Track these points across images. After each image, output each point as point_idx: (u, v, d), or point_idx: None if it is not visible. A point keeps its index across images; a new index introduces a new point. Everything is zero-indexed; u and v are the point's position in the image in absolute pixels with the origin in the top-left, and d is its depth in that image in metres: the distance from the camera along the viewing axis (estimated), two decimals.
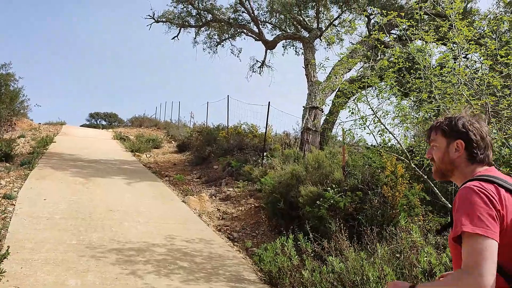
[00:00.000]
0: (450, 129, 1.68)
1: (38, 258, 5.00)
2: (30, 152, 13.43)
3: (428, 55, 6.22)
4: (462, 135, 1.65)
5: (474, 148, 1.63)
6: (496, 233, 1.40)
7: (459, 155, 1.66)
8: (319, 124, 12.01)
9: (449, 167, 1.69)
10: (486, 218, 1.42)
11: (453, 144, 1.67)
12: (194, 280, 4.95)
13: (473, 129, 1.64)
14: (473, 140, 1.63)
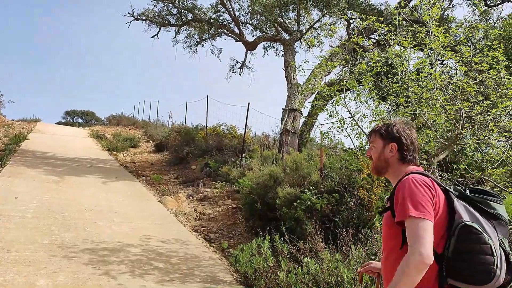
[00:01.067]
0: (386, 133, 2.01)
1: (7, 258, 4.86)
2: (2, 149, 13.07)
3: (405, 60, 6.31)
4: (396, 139, 1.98)
5: (405, 151, 1.97)
6: (433, 216, 1.75)
7: (392, 155, 1.99)
8: (298, 126, 12.07)
9: (384, 165, 2.02)
10: (426, 204, 1.75)
11: (388, 146, 2.00)
12: (169, 280, 4.90)
13: (405, 135, 1.98)
14: (404, 144, 1.97)
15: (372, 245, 4.21)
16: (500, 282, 1.73)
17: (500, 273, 1.73)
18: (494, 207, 1.85)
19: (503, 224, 1.83)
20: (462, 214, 1.79)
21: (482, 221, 1.79)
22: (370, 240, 4.34)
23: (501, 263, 1.74)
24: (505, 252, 1.77)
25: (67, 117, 45.63)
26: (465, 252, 1.73)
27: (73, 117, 46.07)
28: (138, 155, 16.19)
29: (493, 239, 1.75)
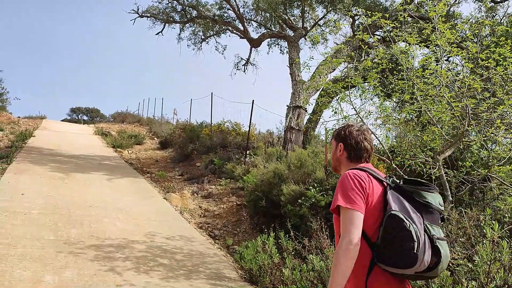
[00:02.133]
0: (337, 135, 2.27)
1: (14, 254, 4.89)
2: (9, 146, 13.15)
3: (411, 57, 6.28)
4: (343, 140, 2.21)
5: (350, 150, 2.19)
6: (362, 207, 1.91)
7: (341, 154, 2.23)
8: (303, 123, 12.05)
9: (337, 163, 2.27)
10: (355, 196, 1.92)
11: (338, 146, 2.24)
12: (174, 277, 4.92)
13: (351, 137, 2.18)
14: (349, 144, 2.18)
15: None
16: (425, 264, 1.86)
17: (424, 256, 1.85)
18: (424, 196, 1.99)
19: (432, 211, 1.98)
20: (392, 204, 1.93)
21: (409, 210, 1.93)
22: None
23: (425, 247, 1.87)
24: (430, 237, 1.90)
25: (72, 114, 45.80)
26: (390, 239, 1.88)
27: (78, 114, 46.23)
28: (143, 152, 16.24)
29: (417, 225, 1.89)
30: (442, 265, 1.92)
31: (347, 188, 1.96)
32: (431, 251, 1.89)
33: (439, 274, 2.00)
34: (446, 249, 1.94)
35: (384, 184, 2.04)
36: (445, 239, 1.97)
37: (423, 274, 1.92)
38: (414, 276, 1.95)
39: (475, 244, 3.99)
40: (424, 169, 6.03)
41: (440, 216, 2.02)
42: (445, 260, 1.93)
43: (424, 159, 6.03)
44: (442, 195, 6.12)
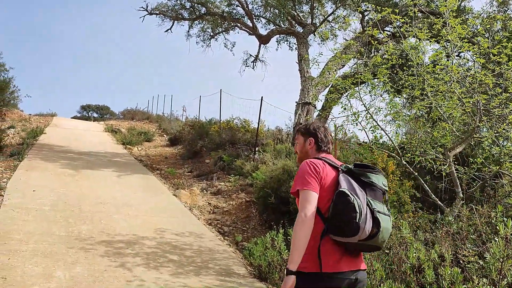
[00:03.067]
0: (306, 131, 2.59)
1: (26, 249, 4.95)
2: (20, 143, 13.30)
3: (421, 53, 6.23)
4: (313, 135, 2.55)
5: (320, 143, 2.53)
6: (316, 188, 2.26)
7: (311, 147, 2.55)
8: (312, 120, 12.02)
9: (305, 155, 2.55)
10: (310, 179, 2.28)
11: (307, 141, 2.56)
12: (184, 273, 4.94)
13: (320, 131, 2.56)
14: (319, 138, 2.54)
15: None
16: (367, 233, 2.18)
17: (365, 226, 2.17)
18: (369, 177, 2.36)
19: (374, 189, 2.33)
20: (342, 184, 2.28)
21: (355, 188, 2.28)
22: None
23: (366, 218, 2.19)
24: (371, 210, 2.23)
25: (82, 112, 46.09)
26: (338, 212, 2.22)
27: (88, 111, 46.53)
28: (153, 149, 16.32)
29: (360, 200, 2.22)
30: (382, 235, 2.23)
31: (304, 173, 2.32)
32: (371, 222, 2.21)
33: (381, 244, 2.28)
34: (386, 223, 2.27)
35: (338, 170, 2.40)
36: (387, 213, 2.32)
37: (366, 242, 2.22)
38: (359, 244, 2.24)
39: (486, 241, 3.96)
40: (435, 166, 5.99)
41: (382, 194, 2.37)
42: (385, 231, 2.25)
43: (434, 155, 5.98)
44: (453, 192, 6.07)
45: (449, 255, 3.50)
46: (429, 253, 3.60)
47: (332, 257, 2.24)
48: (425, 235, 4.66)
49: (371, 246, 2.28)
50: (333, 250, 2.26)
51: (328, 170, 2.36)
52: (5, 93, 18.45)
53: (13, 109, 20.44)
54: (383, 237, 2.26)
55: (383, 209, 2.30)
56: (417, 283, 3.31)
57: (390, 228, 2.30)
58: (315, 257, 2.24)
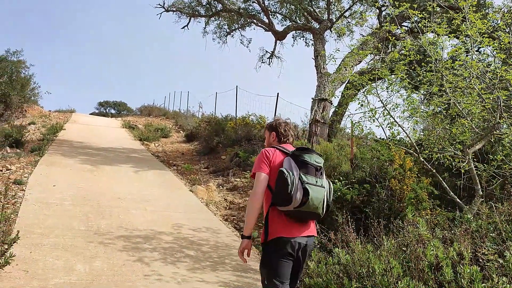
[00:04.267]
0: (269, 127, 3.22)
1: (47, 243, 5.06)
2: (40, 139, 13.56)
3: (440, 48, 6.14)
4: (275, 130, 3.17)
5: (280, 136, 3.15)
6: (266, 170, 2.90)
7: (273, 140, 3.17)
8: (328, 116, 11.96)
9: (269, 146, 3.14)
10: (262, 164, 2.93)
11: (271, 134, 3.19)
12: (201, 268, 4.99)
13: (280, 127, 3.16)
14: (279, 132, 3.15)
15: (404, 236, 4.15)
16: (298, 201, 2.77)
17: (296, 195, 2.76)
18: (303, 157, 2.92)
19: (307, 166, 2.90)
20: (284, 164, 2.90)
21: (292, 166, 2.86)
22: (402, 232, 4.28)
23: (297, 190, 2.77)
24: (302, 182, 2.80)
25: (100, 108, 46.67)
26: (278, 186, 2.82)
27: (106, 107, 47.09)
28: (169, 145, 16.46)
29: (294, 175, 2.81)
30: (312, 202, 2.79)
31: (259, 160, 2.98)
32: (301, 192, 2.78)
33: (315, 210, 2.83)
34: (317, 193, 2.83)
35: (287, 154, 3.00)
36: (318, 185, 2.88)
37: (301, 209, 2.80)
38: (298, 212, 2.82)
39: (506, 240, 3.90)
40: (453, 163, 5.91)
41: (316, 169, 2.93)
42: (314, 199, 2.80)
43: (453, 152, 5.90)
44: (472, 189, 5.99)
45: (468, 253, 3.46)
46: (447, 251, 3.57)
47: (278, 224, 2.85)
48: (443, 233, 4.61)
49: (308, 212, 2.83)
50: (279, 218, 2.87)
51: (277, 155, 3.00)
52: (26, 90, 18.80)
53: (34, 106, 20.84)
54: (314, 204, 2.81)
55: (314, 181, 2.87)
56: (435, 281, 3.29)
57: (320, 197, 2.86)
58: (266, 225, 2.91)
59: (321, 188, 2.88)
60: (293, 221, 2.85)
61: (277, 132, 3.15)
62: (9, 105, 17.41)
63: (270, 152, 2.99)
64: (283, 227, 2.83)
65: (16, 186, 7.53)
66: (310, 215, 2.86)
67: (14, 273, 4.08)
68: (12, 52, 18.73)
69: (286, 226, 2.83)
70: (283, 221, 2.84)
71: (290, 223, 2.84)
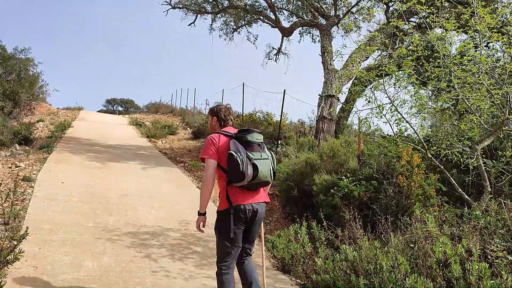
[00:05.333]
0: (211, 112, 3.64)
1: (55, 239, 5.10)
2: (49, 136, 13.64)
3: (448, 44, 6.09)
4: (216, 115, 3.59)
5: (220, 120, 3.57)
6: (214, 155, 3.33)
7: (215, 123, 3.59)
8: (335, 113, 11.92)
9: (213, 130, 3.60)
10: (210, 149, 3.36)
11: (213, 119, 3.61)
12: (208, 264, 5.01)
13: (220, 112, 3.57)
14: (219, 117, 3.57)
15: (411, 233, 4.13)
16: (250, 176, 3.24)
17: (247, 171, 3.22)
18: (247, 137, 3.37)
19: (251, 144, 3.35)
20: (231, 147, 3.31)
21: (239, 147, 3.29)
22: (410, 228, 4.26)
23: (247, 167, 3.23)
24: (250, 160, 3.26)
25: (107, 105, 46.90)
26: (230, 167, 3.27)
27: (113, 105, 47.30)
28: (176, 142, 16.50)
29: (242, 155, 3.25)
30: (262, 174, 3.28)
31: (207, 146, 3.41)
32: (251, 167, 3.25)
33: (265, 179, 3.33)
34: (264, 165, 3.32)
35: (231, 137, 3.42)
36: (263, 157, 3.36)
37: (254, 181, 3.29)
38: (251, 184, 3.31)
39: None
40: (461, 159, 5.87)
41: (258, 145, 3.39)
42: (264, 171, 3.30)
43: (461, 148, 5.86)
44: (480, 185, 5.95)
45: (477, 250, 3.44)
46: (456, 247, 3.55)
47: (236, 196, 3.33)
48: (451, 229, 4.59)
49: (259, 182, 3.32)
50: (236, 191, 3.35)
51: (222, 139, 3.42)
52: (34, 88, 18.93)
53: (42, 103, 20.97)
54: (264, 175, 3.31)
55: (259, 155, 3.34)
56: (443, 278, 3.27)
57: (267, 167, 3.35)
58: (225, 198, 3.35)
59: (266, 160, 3.38)
60: (246, 190, 3.36)
61: (218, 117, 3.60)
62: (18, 103, 17.53)
63: (215, 138, 3.44)
64: (239, 197, 3.33)
65: (25, 183, 7.59)
66: (262, 184, 3.38)
67: (23, 269, 4.12)
68: (20, 50, 18.88)
69: (241, 196, 3.34)
70: (238, 192, 3.35)
71: (243, 192, 3.35)
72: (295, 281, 4.84)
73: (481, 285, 3.08)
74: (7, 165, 9.01)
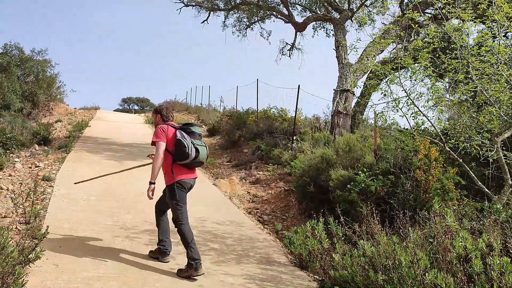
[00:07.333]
0: (155, 111, 4.84)
1: (75, 238, 5.18)
2: (67, 136, 13.85)
3: (465, 34, 5.97)
4: (159, 113, 4.78)
5: (163, 117, 4.75)
6: (164, 139, 4.52)
7: (159, 120, 4.76)
8: (350, 107, 11.81)
9: (157, 124, 4.71)
10: (161, 135, 4.54)
11: (156, 116, 4.80)
12: (225, 261, 5.02)
13: (163, 111, 4.78)
14: (162, 114, 4.76)
15: (430, 227, 4.07)
16: (193, 156, 4.46)
17: (191, 153, 4.44)
18: (191, 128, 4.61)
19: (194, 134, 4.59)
20: (178, 135, 4.47)
21: (185, 135, 4.50)
22: (429, 223, 4.20)
23: (191, 150, 4.44)
24: (194, 145, 4.47)
25: (123, 104, 47.41)
26: (177, 149, 4.44)
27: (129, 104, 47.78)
28: None
29: (187, 141, 4.44)
30: (201, 156, 4.53)
31: (158, 132, 4.55)
32: (194, 150, 4.47)
33: (203, 160, 4.58)
34: (203, 150, 4.57)
35: (175, 128, 4.60)
36: (202, 145, 4.62)
37: (195, 161, 4.51)
38: (192, 163, 4.53)
39: None
40: (481, 152, 5.76)
41: (198, 135, 4.64)
42: (202, 154, 4.55)
43: (480, 141, 5.75)
44: (501, 178, 5.83)
45: (498, 245, 3.38)
46: (476, 242, 3.49)
47: (179, 172, 4.51)
48: (471, 223, 4.51)
49: (198, 162, 4.53)
50: (179, 168, 4.52)
51: (169, 129, 4.59)
52: (52, 89, 19.22)
53: (60, 104, 21.29)
54: (203, 156, 4.56)
55: (200, 143, 4.59)
56: (464, 273, 3.22)
57: (205, 152, 4.62)
58: (171, 174, 4.51)
59: (204, 147, 4.65)
60: (187, 169, 4.57)
61: (161, 115, 4.77)
62: (36, 104, 17.84)
63: (165, 127, 4.60)
64: (182, 173, 4.52)
65: (45, 182, 7.72)
66: (198, 164, 4.60)
67: (44, 267, 4.19)
68: (37, 51, 19.17)
69: (184, 173, 4.54)
70: (181, 169, 4.53)
71: (184, 170, 4.55)
72: (312, 277, 4.83)
73: (503, 280, 3.02)
74: (27, 165, 9.18)
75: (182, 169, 4.52)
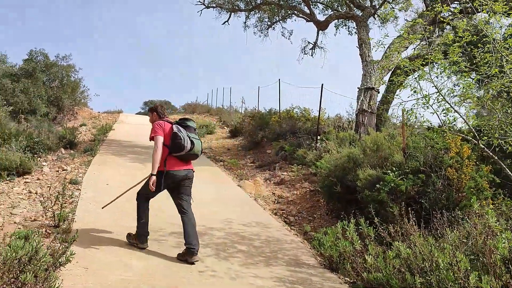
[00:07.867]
0: (150, 109, 5.35)
1: (103, 240, 5.18)
2: (92, 139, 14.03)
3: (498, 27, 5.75)
4: (155, 110, 5.26)
5: (159, 114, 5.22)
6: (161, 134, 4.89)
7: (155, 117, 5.23)
8: (375, 105, 11.59)
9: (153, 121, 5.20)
10: (158, 130, 4.92)
11: (153, 114, 5.28)
12: (253, 263, 4.94)
13: (158, 109, 5.27)
14: (158, 111, 5.23)
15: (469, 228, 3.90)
16: (188, 148, 4.86)
17: (186, 145, 4.83)
18: (186, 123, 5.06)
19: (190, 128, 5.02)
20: (175, 129, 4.87)
21: (181, 129, 4.91)
22: (466, 223, 4.03)
23: (187, 142, 4.84)
24: (189, 138, 4.88)
25: (145, 107, 47.86)
26: (173, 142, 4.83)
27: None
28: (214, 141, 16.59)
29: (183, 134, 4.86)
30: (196, 148, 4.92)
31: (156, 128, 4.91)
32: (190, 142, 4.85)
33: (197, 153, 4.96)
34: (197, 143, 4.97)
35: (171, 123, 4.97)
36: (197, 138, 5.01)
37: (189, 153, 4.87)
38: (186, 155, 4.89)
39: None
40: None
41: (193, 129, 5.06)
42: (197, 147, 4.94)
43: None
44: None
45: None
46: None
47: (172, 163, 4.87)
48: (508, 223, 4.32)
49: (192, 154, 4.90)
50: (173, 160, 4.88)
51: (166, 125, 4.97)
52: (76, 93, 19.56)
53: (84, 108, 21.65)
54: (198, 149, 4.95)
55: (195, 136, 4.98)
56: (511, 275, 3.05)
57: (200, 145, 5.01)
58: (163, 165, 4.83)
59: (199, 140, 5.05)
60: (181, 161, 4.92)
61: (157, 112, 5.21)
62: (61, 108, 18.18)
63: (161, 123, 4.99)
64: (175, 165, 4.87)
65: (72, 185, 7.80)
66: (193, 156, 4.94)
67: (74, 271, 4.19)
68: (61, 57, 19.54)
69: (177, 165, 4.89)
70: (176, 161, 4.89)
71: (178, 162, 4.90)
72: (343, 279, 4.71)
73: None
74: (54, 168, 9.31)
75: (177, 161, 4.87)
